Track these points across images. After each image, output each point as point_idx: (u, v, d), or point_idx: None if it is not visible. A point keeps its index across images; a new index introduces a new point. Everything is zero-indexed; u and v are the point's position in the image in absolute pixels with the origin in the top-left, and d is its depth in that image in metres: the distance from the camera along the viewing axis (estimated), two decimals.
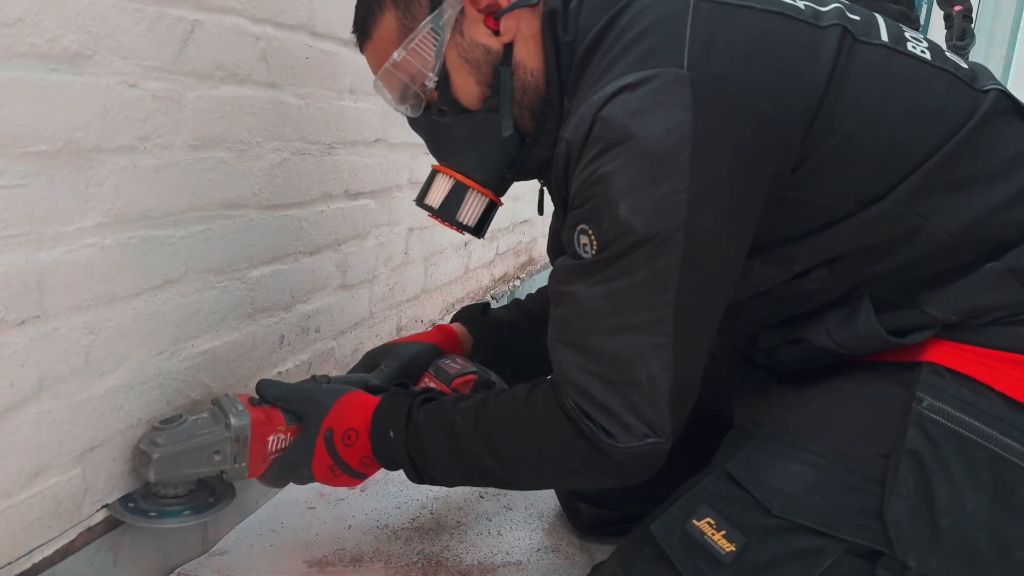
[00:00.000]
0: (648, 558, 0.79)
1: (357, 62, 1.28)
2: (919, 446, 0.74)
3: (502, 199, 0.95)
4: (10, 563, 0.76)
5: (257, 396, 0.94)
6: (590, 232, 0.77)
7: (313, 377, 1.00)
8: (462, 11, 0.85)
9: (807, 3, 0.81)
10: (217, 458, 0.89)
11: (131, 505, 0.88)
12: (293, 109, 1.12)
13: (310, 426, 0.91)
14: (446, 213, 0.92)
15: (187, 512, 0.90)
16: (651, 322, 0.75)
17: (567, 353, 0.80)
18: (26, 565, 0.77)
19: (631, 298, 0.76)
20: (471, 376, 1.01)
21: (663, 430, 0.76)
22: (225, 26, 0.96)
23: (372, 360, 1.07)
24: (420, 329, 1.71)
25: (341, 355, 1.39)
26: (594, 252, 0.77)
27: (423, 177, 0.96)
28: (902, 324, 0.79)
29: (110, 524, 0.88)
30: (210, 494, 0.93)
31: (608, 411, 0.77)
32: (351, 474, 0.92)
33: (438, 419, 0.87)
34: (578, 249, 0.78)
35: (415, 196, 0.96)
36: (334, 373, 1.13)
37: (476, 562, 1.06)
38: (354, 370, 1.08)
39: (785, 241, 0.80)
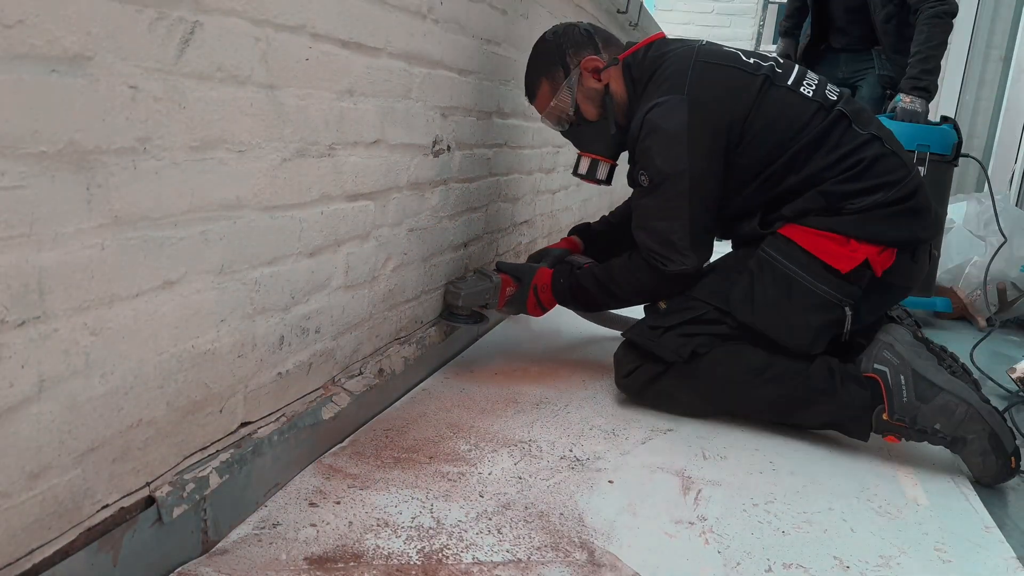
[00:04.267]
0: (637, 324, 1.74)
1: (357, 63, 1.28)
2: (752, 268, 1.62)
3: (616, 162, 1.86)
4: (10, 563, 0.76)
5: (496, 268, 1.90)
6: (644, 175, 1.65)
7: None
8: (580, 75, 1.76)
9: (755, 60, 1.68)
10: (487, 296, 1.84)
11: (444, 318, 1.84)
12: (293, 110, 1.12)
13: (525, 283, 1.87)
14: (590, 175, 1.85)
15: (473, 319, 1.85)
16: (677, 215, 1.63)
17: (640, 232, 1.69)
18: (26, 565, 0.78)
19: (667, 205, 1.64)
20: (588, 263, 1.88)
21: (689, 261, 1.64)
22: (225, 27, 0.96)
23: (536, 257, 2.00)
24: (420, 328, 1.74)
25: (342, 355, 1.39)
26: (648, 184, 1.65)
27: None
28: (769, 221, 1.65)
29: (110, 524, 0.88)
30: (478, 318, 1.87)
31: (661, 254, 1.66)
32: (542, 308, 1.89)
33: (586, 271, 1.82)
34: (641, 183, 1.67)
35: (571, 169, 1.91)
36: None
37: (476, 560, 1.06)
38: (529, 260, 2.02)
39: (733, 190, 1.67)
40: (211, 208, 0.98)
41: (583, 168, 1.84)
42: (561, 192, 2.93)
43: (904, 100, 2.89)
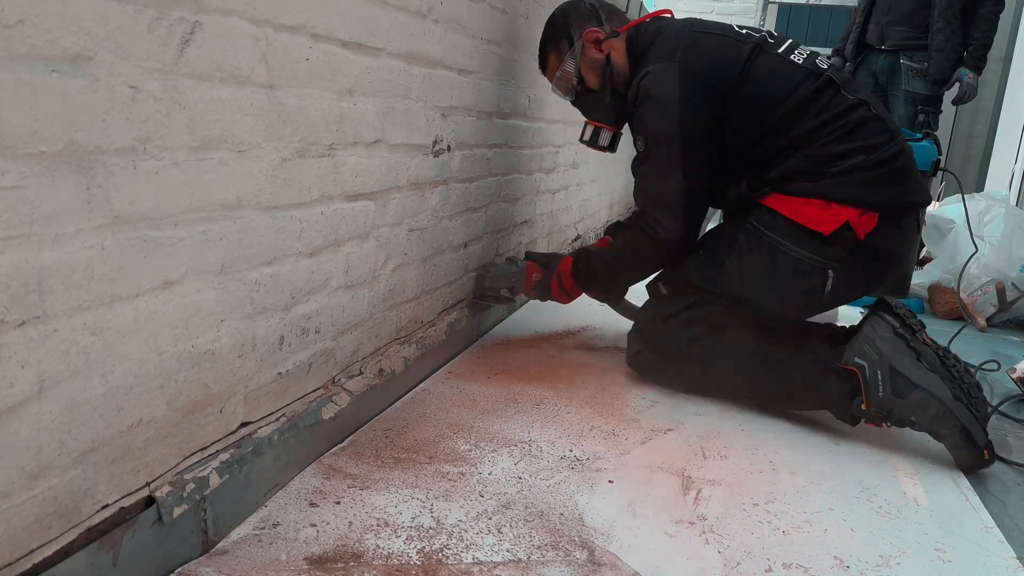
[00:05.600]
0: (641, 311, 1.91)
1: (357, 63, 1.28)
2: (740, 240, 1.72)
3: (621, 131, 1.94)
4: (10, 563, 0.76)
5: (524, 256, 2.07)
6: (640, 139, 1.74)
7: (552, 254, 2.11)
8: (583, 46, 1.87)
9: (747, 30, 1.76)
10: (512, 280, 2.03)
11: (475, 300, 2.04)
12: (293, 110, 1.12)
13: (550, 270, 2.00)
14: (593, 142, 1.93)
15: (501, 301, 2.08)
16: (671, 177, 1.69)
17: (639, 196, 1.80)
18: (26, 565, 0.78)
19: (661, 168, 1.71)
20: None
21: (680, 226, 1.72)
22: (225, 27, 0.96)
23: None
24: (420, 328, 1.74)
25: (342, 355, 1.39)
26: (643, 148, 1.74)
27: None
28: (757, 185, 1.72)
29: (110, 524, 0.88)
30: (505, 300, 2.07)
31: (656, 220, 1.74)
32: (566, 294, 2.00)
33: (595, 251, 1.94)
34: (638, 148, 1.76)
35: (579, 137, 1.98)
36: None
37: (476, 560, 1.06)
38: None
39: (723, 154, 1.72)
40: (211, 208, 0.98)
41: (587, 135, 1.94)
42: (561, 192, 2.93)
43: (969, 75, 3.66)
